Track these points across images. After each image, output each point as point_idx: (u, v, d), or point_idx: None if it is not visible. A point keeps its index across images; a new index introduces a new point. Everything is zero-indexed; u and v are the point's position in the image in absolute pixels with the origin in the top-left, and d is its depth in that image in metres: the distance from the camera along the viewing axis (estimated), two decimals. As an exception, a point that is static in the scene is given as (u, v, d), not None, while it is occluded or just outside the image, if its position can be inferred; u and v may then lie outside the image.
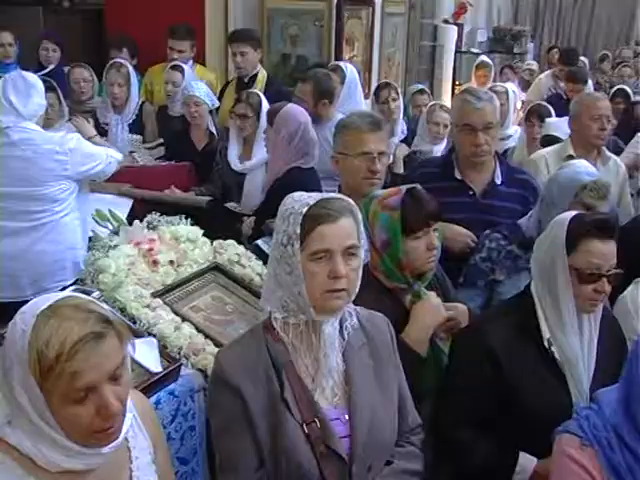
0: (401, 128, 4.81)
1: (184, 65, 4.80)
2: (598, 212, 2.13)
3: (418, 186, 2.21)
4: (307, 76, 4.08)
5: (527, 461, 1.95)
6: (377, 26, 5.97)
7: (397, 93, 4.81)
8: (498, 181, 2.89)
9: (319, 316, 1.64)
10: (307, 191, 1.72)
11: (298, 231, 1.60)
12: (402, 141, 4.75)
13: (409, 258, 2.11)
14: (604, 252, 1.96)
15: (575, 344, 1.99)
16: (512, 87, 5.01)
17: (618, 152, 4.60)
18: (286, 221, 1.64)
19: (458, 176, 2.91)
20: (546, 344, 1.99)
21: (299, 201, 1.65)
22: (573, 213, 2.06)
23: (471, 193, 2.88)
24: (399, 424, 1.79)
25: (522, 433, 1.95)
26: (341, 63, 4.82)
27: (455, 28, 7.29)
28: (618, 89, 6.27)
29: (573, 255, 1.97)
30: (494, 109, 2.88)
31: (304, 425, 1.61)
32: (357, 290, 1.68)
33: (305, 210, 1.61)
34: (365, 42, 5.79)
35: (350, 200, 1.69)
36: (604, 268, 1.96)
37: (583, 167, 2.65)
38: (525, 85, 7.34)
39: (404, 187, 2.19)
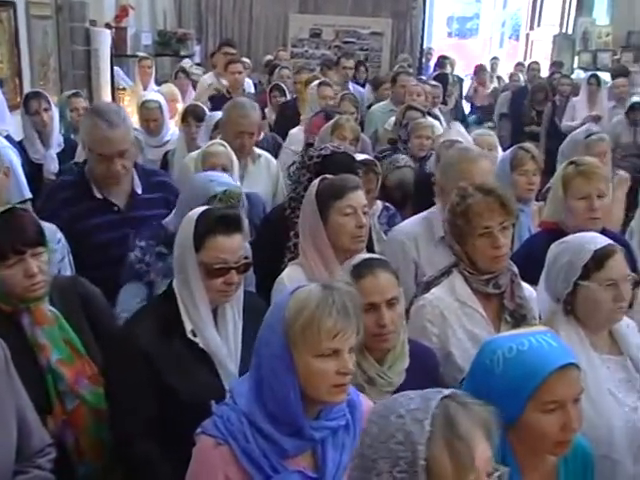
0: (57, 140, 4.50)
1: None
2: (222, 208, 2.21)
3: None
4: None
5: None
6: (23, 29, 5.58)
7: (48, 102, 4.50)
8: (139, 190, 2.87)
9: None
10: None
11: None
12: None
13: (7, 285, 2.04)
14: (230, 246, 2.05)
15: (214, 335, 2.05)
16: (160, 97, 4.99)
17: (278, 147, 4.91)
18: None
19: (98, 195, 2.82)
20: (190, 336, 2.04)
21: None
22: (200, 210, 2.13)
23: (116, 209, 2.81)
24: (21, 448, 1.69)
25: (188, 427, 1.95)
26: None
27: (108, 32, 7.12)
28: (274, 84, 6.69)
29: (202, 252, 2.03)
30: (127, 132, 2.80)
31: None
32: None
33: None
34: (10, 46, 5.37)
35: None
36: (232, 261, 2.05)
37: (217, 177, 2.71)
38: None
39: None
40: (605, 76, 9.16)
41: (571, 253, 2.15)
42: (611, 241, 2.17)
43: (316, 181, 2.55)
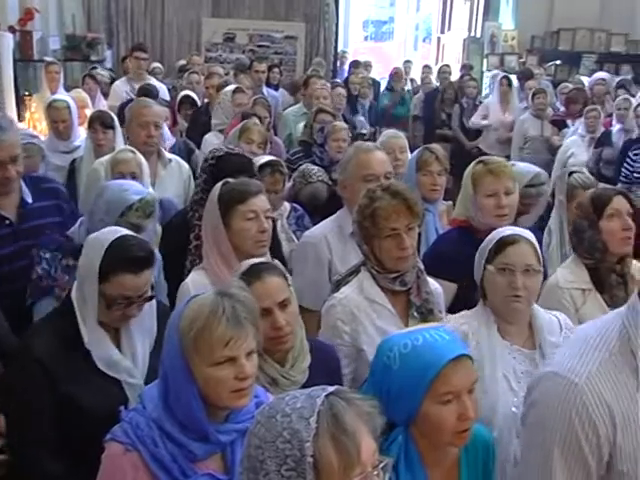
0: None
1: None
2: (134, 245, 2.09)
3: None
4: None
5: None
6: None
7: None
8: (29, 199, 2.77)
9: None
10: None
11: None
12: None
13: None
14: (136, 284, 2.03)
15: (110, 353, 2.05)
16: (69, 97, 4.87)
17: (190, 152, 4.85)
18: None
19: None
20: (88, 347, 2.02)
21: None
22: (111, 238, 2.07)
23: (7, 222, 2.71)
24: None
25: (92, 439, 1.91)
26: None
27: (11, 35, 6.89)
28: (184, 95, 6.63)
29: (105, 284, 2.01)
30: (16, 136, 2.72)
31: None
32: None
33: None
34: None
35: None
36: (135, 296, 2.04)
37: (129, 185, 2.67)
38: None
39: None
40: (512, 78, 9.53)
41: (487, 240, 2.28)
42: (525, 233, 2.26)
43: (218, 185, 2.55)
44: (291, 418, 1.21)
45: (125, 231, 2.16)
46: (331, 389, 1.27)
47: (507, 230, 2.31)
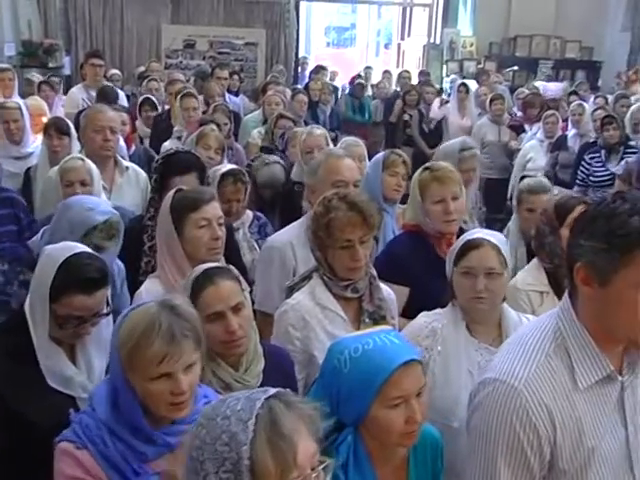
0: None
1: None
2: (88, 265, 2.04)
3: None
4: None
5: None
6: None
7: None
8: None
9: None
10: None
11: None
12: None
13: None
14: (89, 305, 2.01)
15: (63, 368, 2.03)
16: (20, 100, 4.80)
17: (151, 159, 4.82)
18: None
19: None
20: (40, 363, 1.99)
21: None
22: (64, 256, 2.03)
23: None
24: None
25: (43, 459, 1.88)
26: None
27: (-40, 42, 6.78)
28: (144, 98, 6.61)
29: (56, 303, 1.98)
30: None
31: None
32: None
33: None
34: None
35: None
36: (88, 315, 2.01)
37: (95, 204, 2.63)
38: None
39: None
40: (471, 83, 9.67)
41: (456, 243, 2.36)
42: (492, 237, 2.31)
43: (171, 193, 2.54)
44: (230, 421, 1.22)
45: (81, 247, 2.11)
46: (272, 391, 1.28)
47: (476, 233, 2.35)
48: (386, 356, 1.65)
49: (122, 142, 4.81)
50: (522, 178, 3.57)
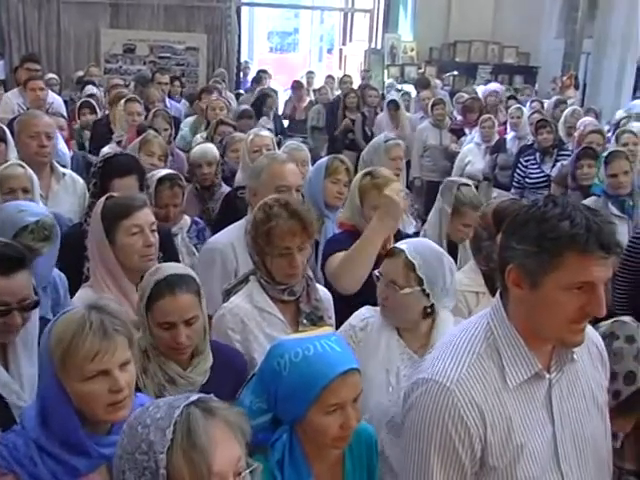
0: None
1: None
2: (3, 246, 2.02)
3: None
4: None
5: None
6: None
7: None
8: None
9: None
10: None
11: None
12: None
13: None
14: (8, 287, 1.95)
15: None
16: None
17: (89, 165, 4.73)
18: None
19: None
20: None
21: None
22: None
23: None
24: None
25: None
26: None
27: None
28: (84, 101, 6.49)
29: None
30: None
31: None
32: None
33: None
34: None
35: None
36: (13, 302, 1.96)
37: (28, 207, 2.56)
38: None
39: None
40: (410, 88, 9.82)
41: None
42: (408, 247, 2.32)
43: (101, 200, 2.50)
44: (149, 429, 1.22)
45: None
46: (193, 398, 1.27)
47: (400, 243, 2.37)
48: (325, 364, 1.66)
49: (65, 148, 4.73)
50: (459, 186, 3.49)
